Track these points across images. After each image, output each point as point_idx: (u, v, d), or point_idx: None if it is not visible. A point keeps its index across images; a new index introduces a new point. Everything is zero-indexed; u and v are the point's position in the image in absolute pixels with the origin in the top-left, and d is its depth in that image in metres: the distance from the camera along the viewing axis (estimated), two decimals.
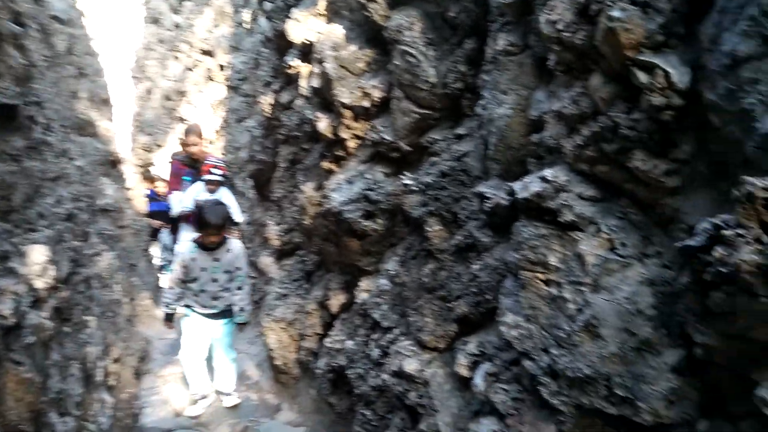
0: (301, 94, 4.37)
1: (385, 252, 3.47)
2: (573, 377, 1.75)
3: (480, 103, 2.56)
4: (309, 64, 4.15)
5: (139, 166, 12.58)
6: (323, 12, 4.05)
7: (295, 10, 4.31)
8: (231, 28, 10.74)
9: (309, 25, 4.09)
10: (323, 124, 3.81)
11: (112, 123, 7.10)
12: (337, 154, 3.80)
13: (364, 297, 3.49)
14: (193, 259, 3.85)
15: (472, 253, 2.47)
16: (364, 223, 3.36)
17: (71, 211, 3.47)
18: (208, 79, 12.01)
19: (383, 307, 3.22)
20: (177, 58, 12.55)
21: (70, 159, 3.91)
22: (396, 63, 3.05)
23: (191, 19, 11.90)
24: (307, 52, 4.14)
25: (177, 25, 12.62)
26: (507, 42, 2.29)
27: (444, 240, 2.68)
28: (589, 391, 1.73)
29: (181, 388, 4.35)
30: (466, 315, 2.48)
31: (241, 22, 9.85)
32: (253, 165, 6.60)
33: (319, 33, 3.92)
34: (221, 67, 11.66)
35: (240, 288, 4.07)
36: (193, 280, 3.87)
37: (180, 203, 5.25)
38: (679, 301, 1.56)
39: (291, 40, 4.29)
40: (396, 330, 3.08)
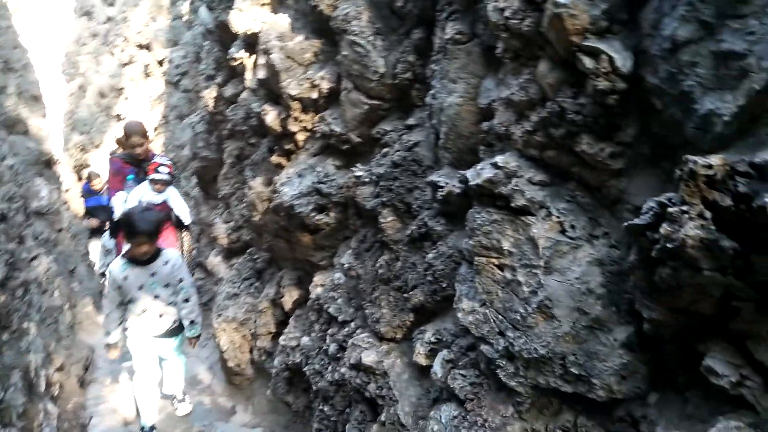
0: (247, 86, 4.28)
1: (338, 245, 3.45)
2: (529, 358, 1.79)
3: (430, 93, 2.57)
4: (254, 56, 4.06)
5: (74, 167, 12.04)
6: (268, 1, 3.98)
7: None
8: (168, 21, 10.41)
9: (253, 15, 4.00)
10: (271, 117, 3.74)
11: (45, 121, 6.73)
12: (287, 147, 3.74)
13: (318, 292, 3.46)
14: (125, 278, 3.40)
15: (427, 242, 2.49)
16: (316, 217, 3.33)
17: (4, 212, 3.26)
18: (146, 74, 11.61)
19: (339, 301, 3.21)
20: (111, 53, 12.08)
21: (1, 158, 3.68)
22: (344, 53, 3.03)
23: (125, 12, 11.46)
24: (251, 43, 4.05)
25: (110, 18, 12.13)
26: (455, 31, 2.30)
27: (398, 230, 2.68)
28: (545, 370, 1.77)
29: (130, 396, 4.20)
30: (423, 304, 2.50)
31: (179, 14, 9.55)
32: (197, 162, 6.43)
33: (263, 23, 3.85)
34: (159, 62, 11.30)
35: (187, 300, 3.66)
36: (131, 301, 3.46)
37: (124, 205, 4.76)
38: (627, 279, 1.62)
39: (234, 31, 4.19)
40: (352, 323, 3.07)
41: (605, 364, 1.66)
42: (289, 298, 3.96)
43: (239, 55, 4.33)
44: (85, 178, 9.00)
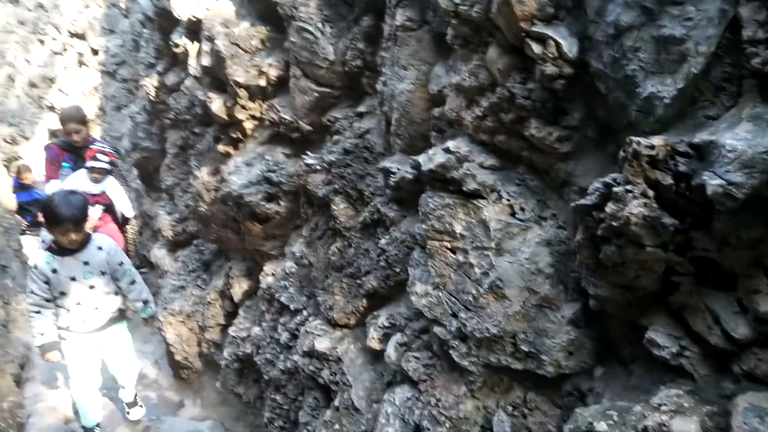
0: (191, 74, 4.16)
1: (289, 234, 3.42)
2: (481, 338, 1.83)
3: (380, 80, 2.57)
4: (198, 43, 3.95)
5: (4, 160, 11.39)
6: None
7: None
8: (104, 9, 9.97)
9: (196, 1, 3.88)
10: (217, 105, 3.65)
11: None
12: (234, 136, 3.66)
13: (269, 281, 3.42)
14: (54, 270, 3.05)
15: (380, 228, 2.50)
16: (266, 206, 3.29)
17: None
18: (80, 64, 11.11)
19: (290, 290, 3.18)
20: (42, 42, 11.48)
21: None
22: (292, 40, 2.99)
23: None
24: (195, 29, 3.94)
25: (40, 5, 11.51)
26: (405, 17, 2.31)
27: (350, 218, 2.68)
28: (497, 349, 1.82)
29: (69, 395, 4.03)
30: (376, 290, 2.51)
31: (115, 2, 9.18)
32: (137, 153, 6.22)
33: (207, 9, 3.75)
34: (94, 51, 10.83)
35: (133, 282, 3.37)
36: (62, 294, 3.11)
37: None
38: (574, 258, 1.67)
39: (176, 18, 4.06)
40: (305, 311, 3.05)
41: (553, 341, 1.72)
42: (239, 288, 3.89)
43: (182, 42, 4.20)
44: (13, 171, 8.53)
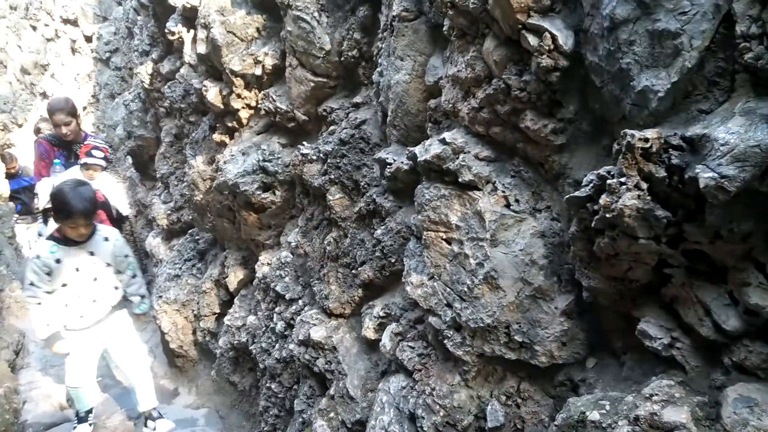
0: (186, 62, 4.13)
1: (285, 224, 3.43)
2: (475, 328, 1.85)
3: (376, 71, 2.57)
4: (193, 30, 3.93)
5: None
6: None
7: None
8: None
9: None
10: (212, 94, 3.64)
11: None
12: (229, 125, 3.65)
13: (265, 271, 3.43)
14: (58, 260, 2.95)
15: (375, 218, 2.51)
16: (261, 196, 3.28)
17: None
18: (73, 51, 11.03)
19: (286, 279, 3.19)
20: (34, 28, 11.36)
21: None
22: (289, 29, 2.97)
23: None
24: (190, 17, 3.91)
25: None
26: (402, 8, 2.31)
27: (346, 208, 2.69)
28: (491, 339, 1.83)
29: (63, 382, 4.05)
30: (371, 280, 2.52)
31: None
32: (131, 142, 6.19)
33: None
34: (87, 38, 10.74)
35: (135, 276, 3.27)
36: (63, 286, 3.00)
37: (48, 192, 3.90)
38: (568, 250, 1.69)
39: (172, 5, 4.03)
40: (300, 301, 3.07)
41: (547, 332, 1.73)
42: (234, 278, 3.90)
43: (177, 29, 4.17)
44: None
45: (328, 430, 2.52)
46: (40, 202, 4.04)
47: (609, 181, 1.37)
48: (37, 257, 2.93)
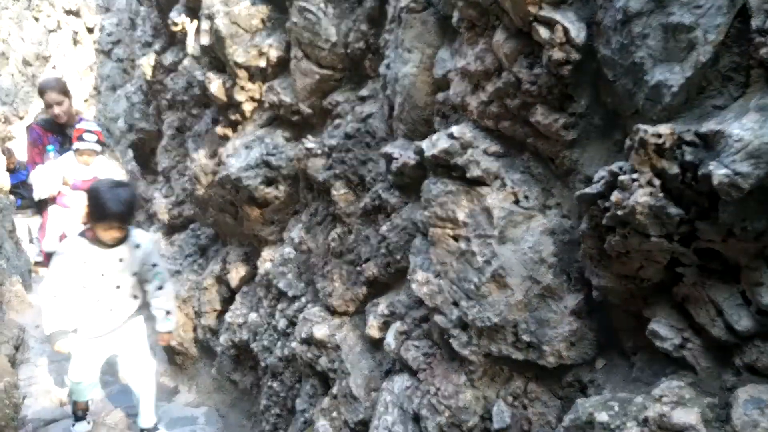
0: (189, 53, 4.10)
1: (288, 220, 3.40)
2: (482, 327, 1.82)
3: (383, 63, 2.54)
4: (196, 21, 3.89)
5: None
6: None
7: None
8: None
9: None
10: (215, 86, 3.60)
11: None
12: (232, 118, 3.62)
13: (267, 267, 3.40)
14: (85, 261, 2.78)
15: (381, 214, 2.48)
16: (265, 190, 3.26)
17: None
18: (75, 42, 11.01)
19: (289, 276, 3.16)
20: (36, 19, 11.35)
21: None
22: (294, 20, 2.94)
23: None
24: (193, 7, 3.88)
25: None
26: None
27: (351, 203, 2.66)
28: (498, 338, 1.81)
29: (64, 377, 4.04)
30: (376, 277, 2.49)
31: None
32: (133, 135, 6.17)
33: None
34: (89, 30, 10.73)
35: (161, 287, 3.09)
36: (83, 289, 2.84)
37: (44, 181, 3.84)
38: (578, 248, 1.66)
39: None
40: (303, 298, 3.04)
41: (555, 331, 1.70)
42: (236, 274, 3.88)
43: (180, 20, 4.14)
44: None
45: (331, 429, 2.50)
46: (35, 192, 3.86)
47: (621, 178, 1.34)
48: (64, 254, 2.80)
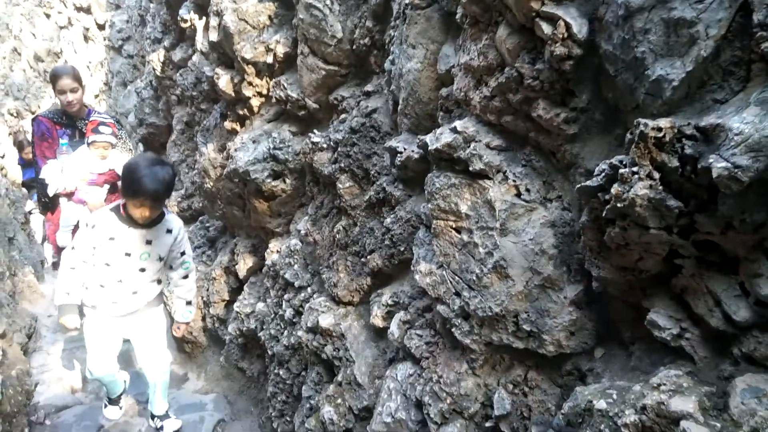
0: (198, 50, 4.14)
1: (294, 212, 3.44)
2: (483, 316, 1.85)
3: (388, 59, 2.56)
4: (205, 18, 3.93)
5: (9, 134, 11.44)
6: None
7: None
8: None
9: None
10: (224, 82, 3.65)
11: None
12: (240, 113, 3.66)
13: (274, 258, 3.44)
14: (112, 238, 2.68)
15: (385, 207, 2.51)
16: (272, 183, 3.30)
17: None
18: (86, 38, 11.10)
19: (295, 267, 3.21)
20: (48, 15, 11.44)
21: None
22: (301, 17, 2.97)
23: None
24: (202, 4, 3.92)
25: None
26: None
27: (356, 196, 2.69)
28: (499, 328, 1.84)
29: (76, 365, 4.11)
30: (380, 268, 2.53)
31: None
32: (143, 129, 6.23)
33: None
34: (100, 26, 10.80)
35: (186, 277, 3.03)
36: (106, 266, 2.75)
37: (58, 176, 3.68)
38: (578, 240, 1.69)
39: None
40: (309, 288, 3.08)
41: (555, 321, 1.73)
42: (244, 265, 3.93)
43: (189, 16, 4.18)
44: (15, 147, 8.52)
45: (336, 416, 2.54)
46: (49, 188, 3.69)
47: (621, 171, 1.37)
48: (93, 226, 2.70)
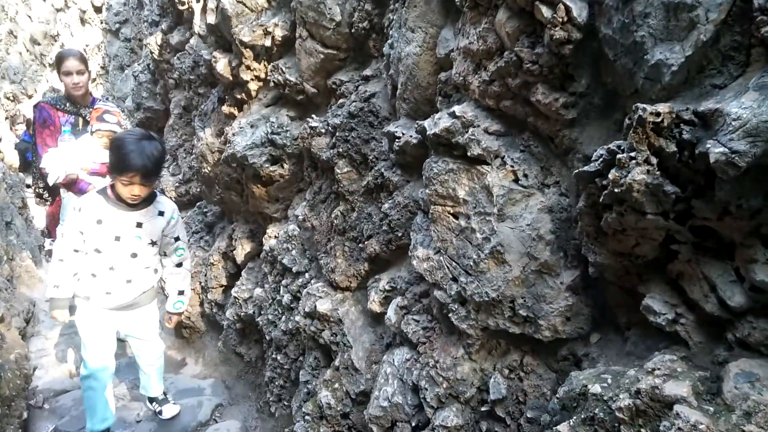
0: (195, 33, 4.11)
1: (292, 197, 3.43)
2: (480, 302, 1.86)
3: (387, 43, 2.54)
4: (203, 0, 3.89)
5: (6, 118, 11.38)
6: None
7: None
8: None
9: None
10: (221, 65, 3.62)
11: None
12: (238, 97, 3.64)
13: (272, 244, 3.44)
14: (100, 221, 2.54)
15: (383, 192, 2.51)
16: (270, 168, 3.29)
17: None
18: (82, 21, 11.00)
19: (293, 252, 3.21)
20: None
21: None
22: (299, 0, 2.94)
23: None
24: None
25: None
26: None
27: (354, 181, 2.68)
28: (495, 313, 1.84)
29: (74, 349, 4.12)
30: (378, 253, 2.53)
31: None
32: (141, 114, 6.19)
33: None
34: (97, 9, 10.71)
35: (180, 265, 2.90)
36: (96, 252, 2.60)
37: (59, 165, 3.53)
38: (575, 226, 1.69)
39: None
40: (307, 274, 3.09)
41: (551, 306, 1.74)
42: (242, 250, 3.93)
43: None
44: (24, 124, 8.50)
45: (333, 400, 2.56)
46: (49, 177, 3.56)
47: (619, 156, 1.36)
48: (79, 210, 2.56)
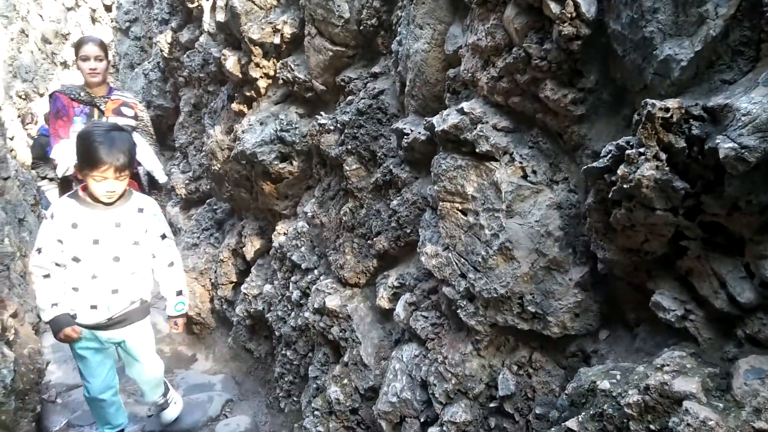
0: (205, 30, 4.13)
1: (301, 194, 3.45)
2: (489, 298, 1.86)
3: (396, 40, 2.55)
4: None
5: (18, 116, 11.50)
6: None
7: None
8: None
9: None
10: (231, 63, 3.64)
11: None
12: (247, 94, 3.65)
13: (281, 240, 3.46)
14: (75, 225, 2.31)
15: (391, 189, 2.51)
16: (279, 165, 3.30)
17: None
18: (93, 20, 11.07)
19: (302, 249, 3.22)
20: None
21: None
22: None
23: None
24: None
25: None
26: None
27: (362, 178, 2.69)
28: (504, 309, 1.85)
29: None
30: (387, 250, 2.54)
31: None
32: (151, 112, 6.23)
33: None
34: (107, 8, 10.77)
35: (171, 264, 2.65)
36: (74, 261, 2.36)
37: (69, 156, 3.31)
38: (584, 222, 1.69)
39: None
40: (316, 270, 3.10)
41: (560, 303, 1.74)
42: (251, 247, 3.95)
43: None
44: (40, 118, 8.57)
45: (342, 396, 2.57)
46: (58, 169, 3.45)
47: (628, 152, 1.36)
48: (51, 216, 2.35)
